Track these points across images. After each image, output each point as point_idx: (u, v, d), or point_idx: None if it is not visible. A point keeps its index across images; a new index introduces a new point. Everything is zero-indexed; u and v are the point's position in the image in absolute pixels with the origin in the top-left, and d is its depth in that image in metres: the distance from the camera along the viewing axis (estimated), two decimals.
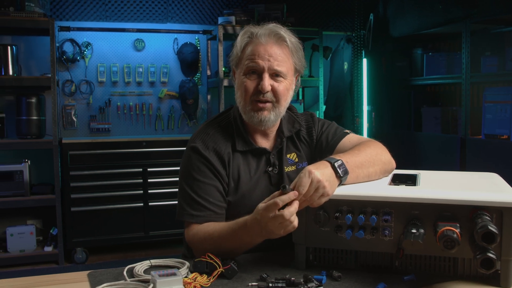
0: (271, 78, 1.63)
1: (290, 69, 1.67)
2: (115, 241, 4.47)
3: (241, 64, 1.67)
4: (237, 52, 1.68)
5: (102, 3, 4.69)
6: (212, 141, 1.68)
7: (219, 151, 1.66)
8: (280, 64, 1.63)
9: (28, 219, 4.53)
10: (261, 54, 1.61)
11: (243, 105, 1.67)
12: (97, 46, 4.82)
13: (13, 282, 1.41)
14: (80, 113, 4.82)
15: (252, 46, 1.64)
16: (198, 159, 1.65)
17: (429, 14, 4.27)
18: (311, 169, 1.38)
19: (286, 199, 1.34)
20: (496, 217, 1.29)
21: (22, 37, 4.57)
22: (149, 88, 5.02)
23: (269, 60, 1.61)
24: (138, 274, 1.37)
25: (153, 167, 4.51)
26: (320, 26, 5.26)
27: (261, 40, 1.63)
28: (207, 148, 1.66)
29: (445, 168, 1.76)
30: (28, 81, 4.27)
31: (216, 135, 1.70)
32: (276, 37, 1.64)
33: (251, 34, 1.66)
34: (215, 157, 1.66)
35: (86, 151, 4.34)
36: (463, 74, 4.03)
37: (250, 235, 1.44)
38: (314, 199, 1.37)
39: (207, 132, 1.71)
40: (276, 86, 1.63)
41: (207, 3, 5.04)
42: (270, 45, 1.62)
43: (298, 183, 1.37)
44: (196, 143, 1.67)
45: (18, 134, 4.26)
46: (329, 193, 1.39)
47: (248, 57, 1.63)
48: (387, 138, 4.86)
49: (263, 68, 1.61)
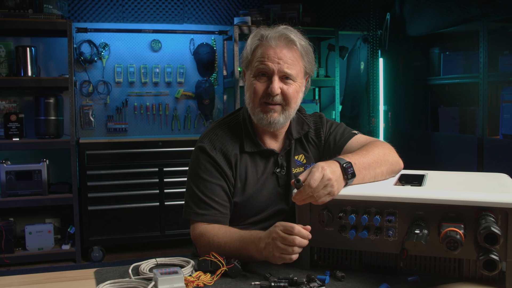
0: (281, 80, 1.64)
1: (300, 72, 1.67)
2: (131, 240, 4.51)
3: (251, 66, 1.67)
4: (247, 54, 1.69)
5: (119, 5, 4.74)
6: (220, 141, 1.69)
7: (226, 152, 1.67)
8: (290, 67, 1.63)
9: (46, 217, 4.60)
10: (271, 57, 1.62)
11: (252, 107, 1.68)
12: (114, 47, 4.88)
13: (22, 278, 1.44)
14: (97, 113, 4.88)
15: (262, 49, 1.64)
16: (205, 159, 1.67)
17: (446, 13, 4.23)
18: (324, 166, 1.39)
19: (304, 233, 1.35)
20: (501, 218, 1.28)
21: (41, 38, 4.65)
22: (165, 88, 5.06)
23: (279, 63, 1.62)
24: (143, 272, 1.39)
25: (169, 166, 4.54)
26: (336, 26, 5.24)
27: (271, 43, 1.63)
28: (214, 149, 1.67)
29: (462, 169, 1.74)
30: (46, 82, 4.34)
31: (224, 136, 1.71)
32: (286, 41, 1.64)
33: (261, 36, 1.66)
34: (221, 158, 1.67)
35: (103, 151, 4.39)
36: (480, 74, 3.97)
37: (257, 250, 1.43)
38: (321, 196, 1.38)
39: (215, 133, 1.72)
40: (286, 89, 1.64)
41: (223, 4, 5.06)
42: (280, 48, 1.63)
43: (310, 176, 1.38)
44: (204, 143, 1.69)
45: (36, 134, 4.33)
46: (335, 193, 1.40)
47: (258, 59, 1.64)
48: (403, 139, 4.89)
49: (273, 70, 1.62)
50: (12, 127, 4.21)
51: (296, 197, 1.40)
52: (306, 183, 1.37)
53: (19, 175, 4.19)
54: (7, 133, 4.21)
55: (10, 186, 4.16)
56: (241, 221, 1.68)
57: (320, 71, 5.03)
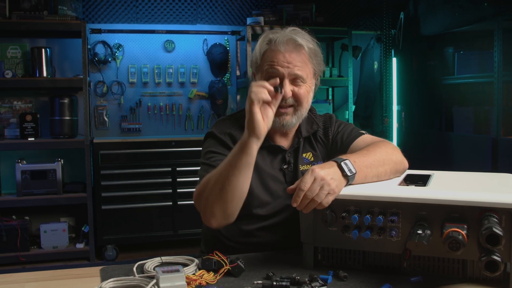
0: (292, 83, 1.66)
1: (310, 73, 1.69)
2: (144, 239, 4.55)
3: (261, 70, 1.69)
4: (257, 58, 1.72)
5: (133, 6, 4.79)
6: (228, 127, 1.75)
7: (234, 135, 1.72)
8: (300, 69, 1.65)
9: (61, 216, 4.66)
10: (280, 61, 1.64)
11: None
12: (128, 48, 4.92)
13: (29, 275, 1.46)
14: (111, 114, 4.93)
15: (271, 54, 1.66)
16: (214, 140, 1.74)
17: (460, 12, 4.19)
18: (314, 168, 1.40)
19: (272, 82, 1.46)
20: (506, 218, 1.27)
21: (56, 39, 4.71)
22: (179, 88, 5.09)
23: (289, 66, 1.63)
24: (147, 271, 1.40)
25: (182, 166, 4.57)
26: (350, 26, 5.22)
27: (279, 47, 1.64)
28: (223, 132, 1.74)
29: (476, 169, 1.72)
30: (61, 82, 4.40)
31: (232, 125, 1.76)
32: (294, 44, 1.65)
33: (269, 41, 1.68)
34: (229, 139, 1.72)
35: (117, 151, 4.44)
36: (495, 73, 3.93)
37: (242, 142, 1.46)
38: (322, 197, 1.37)
39: (224, 122, 1.79)
40: (297, 90, 1.66)
41: (236, 4, 5.08)
42: (289, 53, 1.64)
43: (301, 179, 1.39)
44: (213, 129, 1.77)
45: (51, 134, 4.39)
46: (335, 190, 1.39)
47: (268, 63, 1.66)
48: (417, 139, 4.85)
49: (283, 74, 1.64)
50: (27, 127, 4.27)
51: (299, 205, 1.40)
52: (298, 187, 1.38)
53: (34, 175, 4.25)
54: (22, 133, 4.27)
55: (26, 186, 4.23)
56: (246, 210, 1.65)
57: (333, 71, 5.02)
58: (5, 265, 4.16)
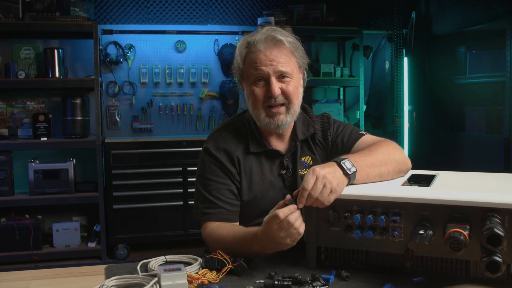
0: (279, 80, 1.65)
1: (295, 67, 1.68)
2: (155, 239, 4.58)
3: (246, 74, 1.69)
4: (239, 64, 1.70)
5: (144, 6, 4.82)
6: (224, 141, 1.72)
7: (229, 151, 1.70)
8: (284, 64, 1.64)
9: (73, 215, 4.70)
10: (263, 61, 1.63)
11: (256, 113, 1.69)
12: (140, 48, 4.95)
13: (34, 273, 1.48)
14: (123, 114, 4.96)
15: (252, 55, 1.65)
16: (209, 160, 1.71)
17: (472, 11, 4.16)
18: (315, 167, 1.40)
19: (287, 212, 1.36)
20: (509, 219, 1.26)
21: (68, 40, 4.76)
22: (190, 88, 5.11)
23: (272, 64, 1.63)
24: (150, 269, 1.42)
25: (193, 166, 4.58)
26: (361, 25, 5.20)
27: (259, 47, 1.64)
28: (218, 149, 1.71)
29: (488, 170, 1.70)
30: (73, 82, 4.45)
31: (229, 136, 1.74)
32: (274, 41, 1.64)
33: (248, 43, 1.67)
34: (225, 157, 1.70)
35: (128, 150, 4.47)
36: (507, 72, 3.90)
37: (261, 247, 1.45)
38: (325, 196, 1.37)
39: (220, 133, 1.76)
40: (285, 87, 1.65)
41: (247, 4, 5.08)
42: (270, 50, 1.63)
43: (303, 180, 1.39)
44: (208, 144, 1.73)
45: (64, 134, 4.43)
46: (337, 188, 1.39)
47: (251, 66, 1.65)
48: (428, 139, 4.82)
49: (268, 73, 1.63)
50: (40, 127, 4.32)
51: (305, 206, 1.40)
52: (301, 187, 1.38)
53: (46, 174, 4.30)
54: (35, 133, 4.32)
55: (38, 185, 4.27)
56: (248, 221, 1.69)
57: (344, 70, 5.00)
58: (18, 263, 4.21)
